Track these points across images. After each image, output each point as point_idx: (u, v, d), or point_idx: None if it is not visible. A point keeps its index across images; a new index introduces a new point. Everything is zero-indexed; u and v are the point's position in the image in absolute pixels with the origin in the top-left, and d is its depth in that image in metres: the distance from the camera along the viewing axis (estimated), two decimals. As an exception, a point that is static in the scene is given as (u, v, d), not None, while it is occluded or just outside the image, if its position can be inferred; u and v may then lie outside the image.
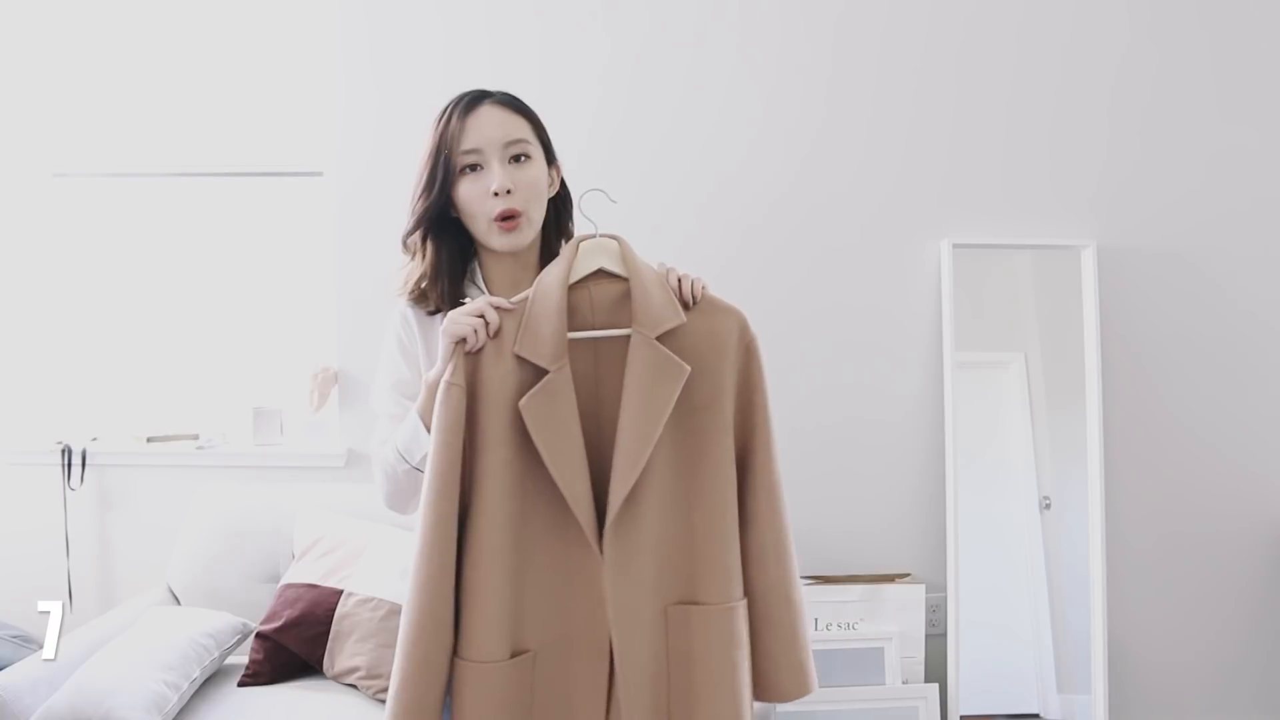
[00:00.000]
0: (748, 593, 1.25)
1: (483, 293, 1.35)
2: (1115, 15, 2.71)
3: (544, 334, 1.18)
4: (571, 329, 1.20)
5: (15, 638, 2.58)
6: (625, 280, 1.23)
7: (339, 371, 2.76)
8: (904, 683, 2.49)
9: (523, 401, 1.16)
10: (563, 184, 1.42)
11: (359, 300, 2.74)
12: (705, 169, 2.70)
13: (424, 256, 1.34)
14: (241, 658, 2.28)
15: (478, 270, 1.38)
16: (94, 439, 2.79)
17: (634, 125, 2.69)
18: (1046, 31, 2.71)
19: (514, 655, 1.18)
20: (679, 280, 1.24)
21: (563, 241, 1.40)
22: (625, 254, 1.24)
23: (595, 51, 2.71)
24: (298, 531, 2.45)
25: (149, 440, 2.77)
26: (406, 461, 1.28)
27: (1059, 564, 2.70)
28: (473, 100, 1.30)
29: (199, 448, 2.76)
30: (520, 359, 1.18)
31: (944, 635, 2.60)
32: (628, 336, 1.20)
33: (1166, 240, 2.70)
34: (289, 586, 2.30)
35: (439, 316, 1.31)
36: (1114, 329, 2.68)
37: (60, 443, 2.74)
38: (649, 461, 1.17)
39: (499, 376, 1.18)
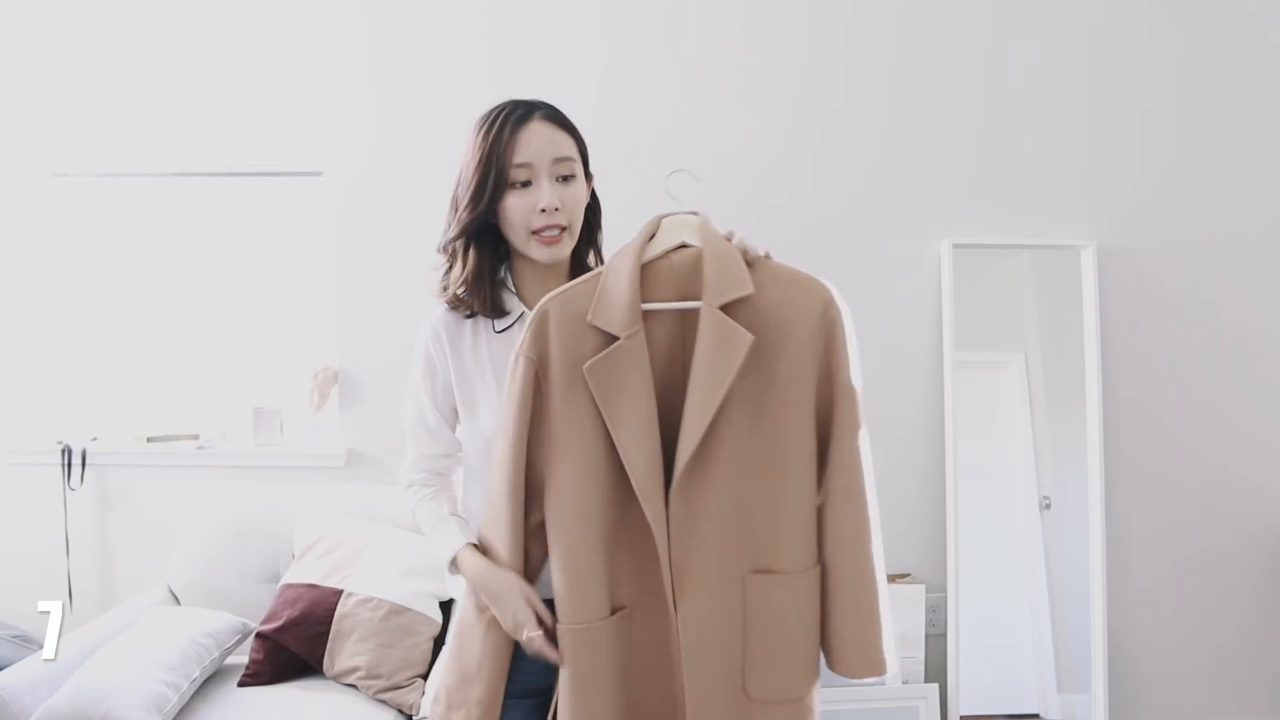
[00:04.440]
0: (823, 568, 1.26)
1: (515, 296, 1.39)
2: (1116, 16, 2.71)
3: (616, 302, 1.20)
4: (657, 299, 1.23)
5: (15, 638, 2.58)
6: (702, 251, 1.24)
7: (339, 371, 2.76)
8: (904, 683, 2.49)
9: (587, 365, 1.19)
10: (593, 194, 1.44)
11: (359, 300, 2.74)
12: (707, 170, 2.69)
13: (464, 264, 1.35)
14: (241, 657, 2.28)
15: (509, 277, 1.40)
16: (94, 439, 2.79)
17: (634, 127, 2.69)
18: (1046, 32, 2.71)
19: (614, 612, 1.23)
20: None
21: (590, 251, 1.45)
22: (704, 227, 1.27)
23: (596, 53, 2.71)
24: (298, 531, 2.45)
25: (149, 440, 2.77)
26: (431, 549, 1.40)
27: (1059, 564, 2.70)
28: (525, 113, 1.32)
29: (199, 448, 2.76)
30: (596, 329, 1.20)
31: (944, 635, 2.60)
32: None
33: (1166, 240, 2.70)
34: (289, 586, 2.30)
35: (472, 321, 1.37)
36: (1114, 329, 2.68)
37: (60, 442, 2.74)
38: (725, 431, 1.19)
39: (575, 347, 1.21)
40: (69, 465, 2.74)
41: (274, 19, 2.76)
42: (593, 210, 1.44)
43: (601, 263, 1.43)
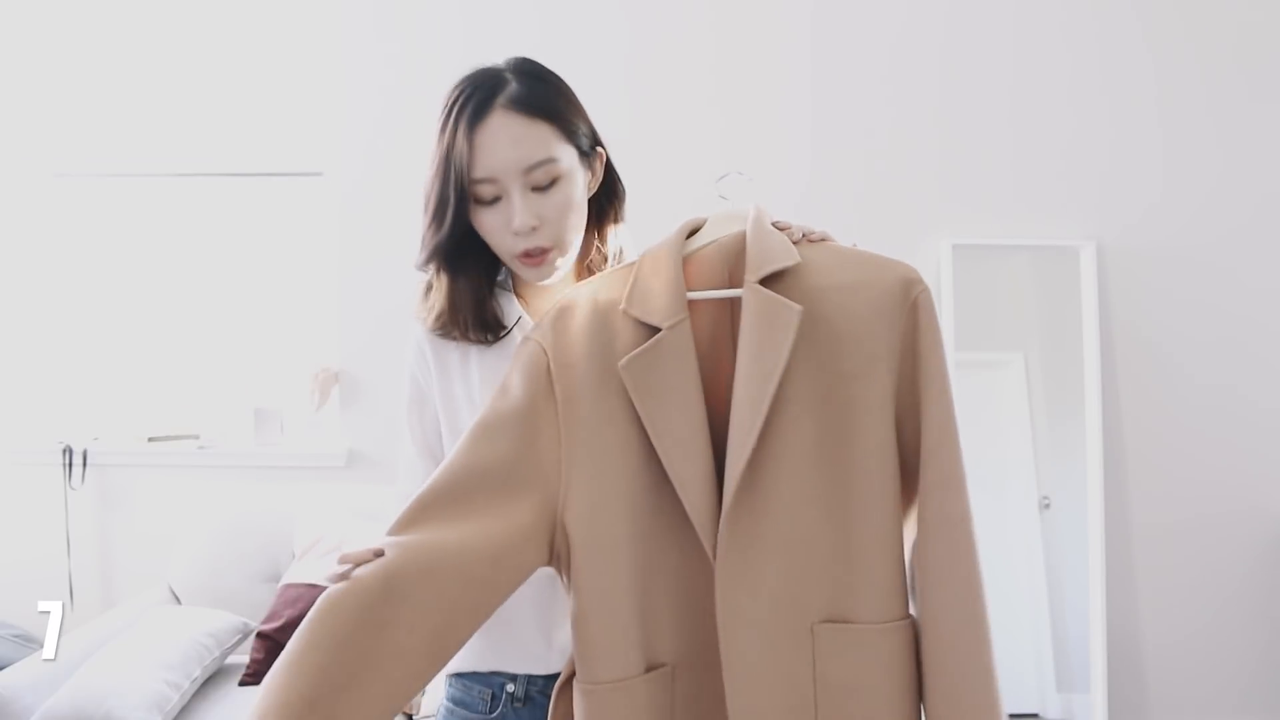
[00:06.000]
0: (922, 617, 1.01)
1: (515, 299, 1.16)
2: (1115, 15, 2.71)
3: (656, 288, 1.01)
4: (703, 287, 1.04)
5: (16, 637, 2.59)
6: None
7: (339, 371, 2.76)
8: (904, 682, 2.49)
9: (623, 361, 0.98)
10: (609, 172, 1.16)
11: (360, 300, 2.75)
12: (705, 169, 2.70)
13: (440, 287, 1.12)
14: (242, 657, 2.29)
15: (509, 279, 1.18)
16: (95, 439, 2.79)
17: (633, 128, 2.69)
18: (1046, 32, 2.71)
19: (649, 670, 0.99)
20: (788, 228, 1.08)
21: (610, 238, 1.19)
22: (755, 214, 1.07)
23: (596, 55, 2.71)
24: (298, 531, 2.45)
25: (150, 440, 2.77)
26: None
27: (1058, 564, 2.70)
28: (479, 107, 1.03)
29: (200, 448, 2.76)
30: (632, 319, 1.00)
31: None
32: None
33: (1166, 239, 2.70)
34: (289, 586, 2.30)
35: (466, 346, 1.14)
36: (1113, 328, 2.68)
37: (61, 442, 2.75)
38: (784, 442, 0.97)
39: (606, 341, 1.00)
40: (70, 465, 2.74)
41: (274, 20, 2.77)
42: (607, 194, 1.17)
43: (621, 252, 1.21)
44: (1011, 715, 2.66)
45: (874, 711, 0.97)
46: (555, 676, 1.11)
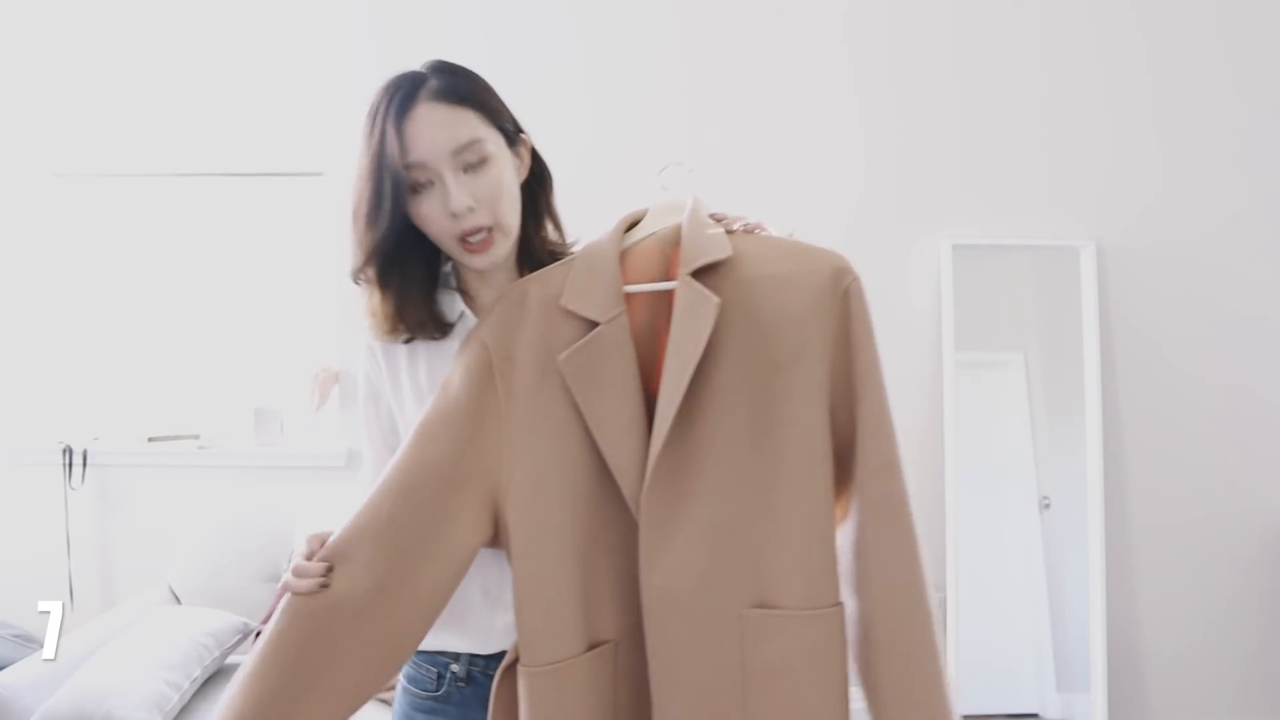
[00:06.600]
0: (858, 606, 1.02)
1: (459, 295, 1.16)
2: (1115, 15, 2.71)
3: (595, 283, 1.04)
4: (642, 281, 1.06)
5: (16, 637, 2.59)
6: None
7: (339, 371, 2.76)
8: (904, 682, 2.49)
9: (562, 356, 1.02)
10: (535, 159, 1.15)
11: (359, 300, 2.74)
12: (706, 170, 2.70)
13: (383, 291, 1.12)
14: (242, 657, 2.28)
15: (452, 276, 1.17)
16: (95, 439, 2.79)
17: (633, 128, 2.69)
18: (1046, 31, 2.71)
19: (591, 648, 1.03)
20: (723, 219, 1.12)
21: (547, 226, 1.18)
22: (692, 205, 1.10)
23: (595, 53, 2.71)
24: (298, 531, 2.45)
25: (150, 440, 2.77)
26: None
27: (1058, 564, 2.70)
28: (405, 99, 1.04)
29: (200, 448, 2.76)
30: (571, 315, 1.04)
31: (944, 635, 2.61)
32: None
33: (1166, 239, 2.70)
34: (289, 586, 2.30)
35: (414, 343, 1.16)
36: (1113, 328, 2.68)
37: (61, 442, 2.75)
38: (714, 429, 1.00)
39: (547, 336, 1.04)
40: (70, 465, 2.74)
41: (274, 20, 2.77)
42: (537, 179, 1.16)
43: (563, 238, 1.21)
44: (1011, 715, 2.66)
45: (802, 694, 0.99)
46: (497, 656, 1.14)
